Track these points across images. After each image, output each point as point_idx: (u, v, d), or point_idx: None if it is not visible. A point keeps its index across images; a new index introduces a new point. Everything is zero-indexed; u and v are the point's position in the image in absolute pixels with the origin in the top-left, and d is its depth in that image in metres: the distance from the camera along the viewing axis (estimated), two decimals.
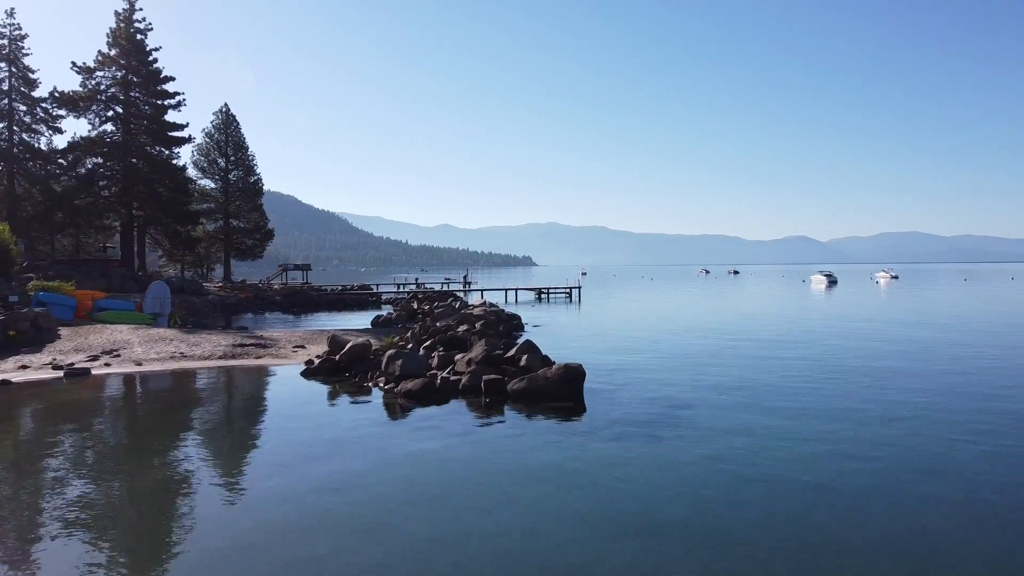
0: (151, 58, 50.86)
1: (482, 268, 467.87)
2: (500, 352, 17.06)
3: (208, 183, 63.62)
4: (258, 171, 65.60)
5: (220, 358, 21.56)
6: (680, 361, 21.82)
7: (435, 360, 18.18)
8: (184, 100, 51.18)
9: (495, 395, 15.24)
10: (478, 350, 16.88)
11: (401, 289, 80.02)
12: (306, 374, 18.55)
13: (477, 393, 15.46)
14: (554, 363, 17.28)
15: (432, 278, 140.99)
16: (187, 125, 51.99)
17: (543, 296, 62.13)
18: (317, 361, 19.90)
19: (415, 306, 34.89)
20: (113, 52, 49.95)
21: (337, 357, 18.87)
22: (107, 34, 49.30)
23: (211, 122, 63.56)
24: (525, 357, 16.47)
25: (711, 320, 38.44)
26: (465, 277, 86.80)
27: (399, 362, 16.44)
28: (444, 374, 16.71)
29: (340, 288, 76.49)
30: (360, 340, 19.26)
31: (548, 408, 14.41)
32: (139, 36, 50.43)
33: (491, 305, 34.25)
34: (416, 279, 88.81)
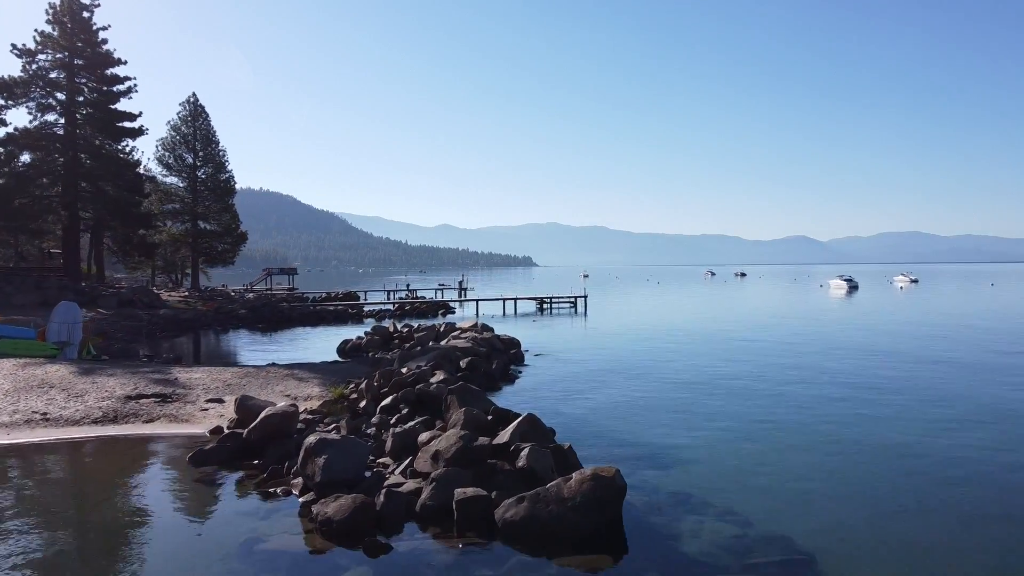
0: (99, 38, 44.68)
1: (482, 268, 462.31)
2: (487, 440, 10.83)
3: (174, 181, 57.41)
4: (229, 168, 59.46)
5: (95, 421, 15.33)
6: (746, 420, 15.63)
7: (388, 441, 12.01)
8: (135, 86, 44.99)
9: (476, 525, 9.06)
10: (451, 438, 10.64)
11: (391, 297, 73.87)
12: (196, 459, 12.32)
13: (447, 520, 9.27)
14: (566, 450, 11.09)
15: (427, 282, 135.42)
16: (140, 114, 45.78)
17: (545, 306, 55.91)
18: (225, 429, 13.79)
19: (391, 329, 28.63)
20: (56, 32, 43.78)
21: (245, 432, 12.67)
22: (47, 10, 43.10)
23: (177, 114, 57.42)
24: (525, 453, 10.22)
25: (752, 343, 32.18)
26: (460, 283, 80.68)
27: (322, 459, 10.20)
28: (396, 476, 10.55)
29: (324, 295, 70.53)
30: (280, 407, 12.97)
31: (565, 560, 8.25)
32: (84, 13, 44.24)
33: (484, 328, 28.05)
34: (407, 285, 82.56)
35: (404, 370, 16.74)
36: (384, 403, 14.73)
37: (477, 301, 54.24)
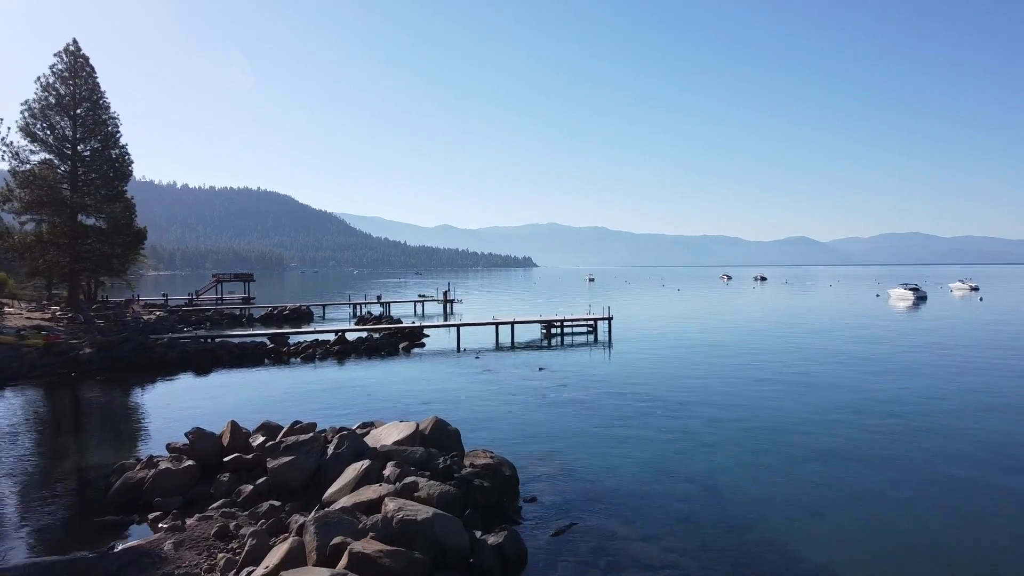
0: None
1: (482, 269, 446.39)
2: None
3: (45, 158, 41.70)
4: (123, 142, 43.66)
5: None
6: None
7: None
8: None
9: None
10: None
11: (359, 310, 58.50)
12: None
13: None
14: None
15: (424, 286, 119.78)
16: None
17: (555, 333, 40.32)
18: None
19: (224, 442, 12.91)
20: None
21: None
22: None
23: (51, 67, 41.68)
24: None
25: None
26: (446, 294, 65.15)
27: None
28: None
29: (271, 309, 55.39)
30: None
31: None
32: None
33: (437, 430, 12.52)
34: (378, 298, 66.92)
35: None
36: None
37: (459, 327, 38.68)
